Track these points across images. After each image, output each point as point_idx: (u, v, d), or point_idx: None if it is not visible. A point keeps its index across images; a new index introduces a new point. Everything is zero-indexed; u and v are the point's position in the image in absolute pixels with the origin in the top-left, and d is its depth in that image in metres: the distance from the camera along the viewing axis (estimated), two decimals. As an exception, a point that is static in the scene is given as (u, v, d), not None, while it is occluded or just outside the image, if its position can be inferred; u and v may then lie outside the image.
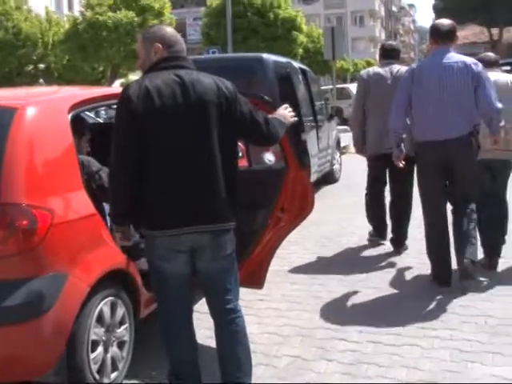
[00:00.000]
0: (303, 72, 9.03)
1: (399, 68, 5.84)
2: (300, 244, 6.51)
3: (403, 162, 4.94)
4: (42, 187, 3.03)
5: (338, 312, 4.52)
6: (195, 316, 3.24)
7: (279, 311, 4.57)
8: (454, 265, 4.88)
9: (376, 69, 6.06)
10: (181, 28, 58.98)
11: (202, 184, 2.89)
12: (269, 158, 4.15)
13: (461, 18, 60.51)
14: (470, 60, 4.72)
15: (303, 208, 4.21)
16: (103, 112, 14.61)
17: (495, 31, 60.71)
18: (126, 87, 2.89)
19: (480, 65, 4.72)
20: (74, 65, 27.95)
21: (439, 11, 66.11)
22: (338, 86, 24.53)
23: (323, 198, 8.90)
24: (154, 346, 3.83)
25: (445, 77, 4.64)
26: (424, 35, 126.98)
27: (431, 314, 4.39)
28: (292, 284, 5.21)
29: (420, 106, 4.75)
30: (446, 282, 4.86)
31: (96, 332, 3.19)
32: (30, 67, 30.06)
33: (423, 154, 4.84)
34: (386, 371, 3.57)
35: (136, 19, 24.74)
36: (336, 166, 10.59)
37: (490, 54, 5.72)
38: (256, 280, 4.27)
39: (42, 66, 30.08)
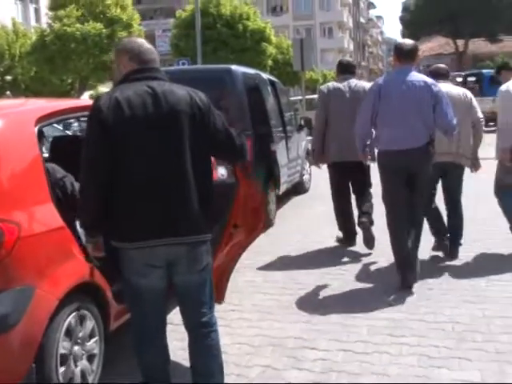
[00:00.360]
0: (272, 83, 9.09)
1: (356, 82, 6.39)
2: (271, 254, 6.53)
3: (369, 158, 5.52)
4: (8, 200, 3.00)
5: (308, 321, 4.54)
6: (168, 327, 3.23)
7: (250, 321, 4.58)
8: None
9: (335, 84, 6.47)
10: (150, 40, 58.84)
11: (175, 195, 2.87)
12: (221, 172, 4.16)
13: (427, 30, 61.77)
14: (430, 80, 5.20)
15: (255, 225, 4.15)
16: (76, 124, 14.49)
17: (460, 43, 61.82)
18: (97, 99, 2.90)
19: (438, 85, 5.21)
20: (41, 77, 27.71)
21: (406, 23, 67.18)
22: (308, 96, 24.71)
23: (294, 208, 8.97)
24: (124, 357, 3.82)
25: (408, 93, 5.06)
26: (392, 47, 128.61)
27: (400, 321, 4.45)
28: (264, 294, 5.23)
29: (385, 119, 5.14)
30: (410, 271, 5.20)
31: (65, 345, 3.17)
32: (-3, 79, 29.72)
33: (388, 161, 5.22)
34: (356, 378, 3.61)
35: (104, 31, 24.64)
36: (306, 177, 10.66)
37: (441, 66, 6.21)
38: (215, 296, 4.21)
39: (8, 77, 29.72)
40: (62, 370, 3.13)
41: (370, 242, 6.30)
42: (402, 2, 72.61)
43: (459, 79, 31.15)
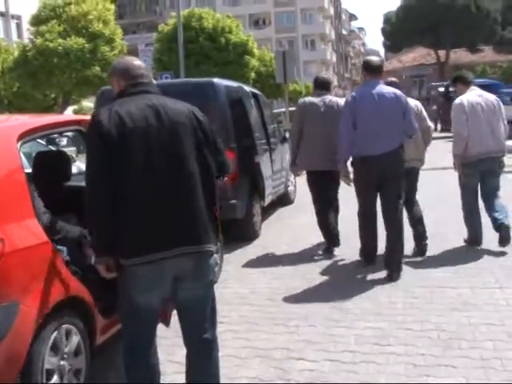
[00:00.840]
0: (255, 96, 9.12)
1: (330, 98, 6.83)
2: (257, 266, 6.55)
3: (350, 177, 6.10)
4: (-9, 216, 2.99)
5: (294, 332, 4.54)
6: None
7: (237, 333, 4.58)
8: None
9: (311, 98, 6.92)
10: (133, 54, 58.87)
11: (183, 206, 2.90)
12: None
13: (408, 41, 62.37)
14: (398, 92, 5.85)
15: None
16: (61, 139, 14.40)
17: (442, 53, 62.46)
18: (95, 114, 2.94)
19: (404, 96, 5.91)
20: (24, 92, 27.59)
21: (388, 34, 67.77)
22: (291, 108, 24.75)
23: (279, 219, 8.98)
24: (111, 372, 3.80)
25: (380, 104, 5.68)
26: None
27: (387, 330, 4.46)
28: (250, 306, 5.23)
29: (361, 128, 5.71)
30: (371, 260, 6.12)
31: (50, 360, 3.15)
32: (-21, 95, 29.56)
33: (363, 165, 5.79)
34: (343, 388, 3.62)
35: (87, 46, 24.58)
36: (291, 188, 10.68)
37: (395, 79, 6.80)
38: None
39: (-9, 93, 29.60)
40: (48, 385, 3.11)
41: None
42: (384, 13, 73.38)
43: (441, 89, 31.55)
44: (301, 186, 11.15)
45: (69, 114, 28.85)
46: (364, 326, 4.58)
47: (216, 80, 7.59)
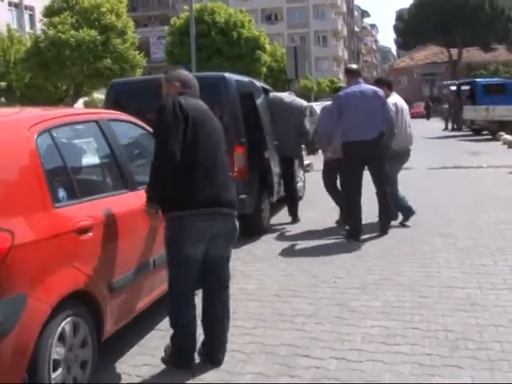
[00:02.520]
0: (266, 91, 9.11)
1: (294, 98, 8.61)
2: (265, 261, 6.55)
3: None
4: (1, 208, 3.00)
5: (301, 329, 4.54)
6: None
7: (244, 329, 4.58)
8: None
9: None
10: (145, 47, 58.89)
11: (222, 173, 3.83)
12: None
13: (421, 39, 62.05)
14: (376, 88, 7.37)
15: None
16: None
17: (454, 51, 62.10)
18: (174, 99, 3.71)
19: (382, 92, 7.35)
20: (36, 83, 27.64)
21: (400, 32, 67.44)
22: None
23: (287, 215, 8.96)
24: (117, 365, 3.82)
25: (363, 98, 7.17)
26: (386, 55, 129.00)
27: (394, 329, 4.45)
28: (257, 302, 5.23)
29: (349, 118, 7.14)
30: (357, 237, 7.21)
31: (58, 351, 3.17)
32: (-9, 85, 29.65)
33: (351, 149, 7.17)
34: (348, 387, 3.61)
35: (99, 38, 24.57)
36: (300, 184, 10.65)
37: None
38: None
39: (3, 84, 29.65)
40: (54, 375, 3.13)
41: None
42: (396, 10, 73.04)
43: (453, 88, 31.38)
44: (309, 183, 11.18)
45: (79, 106, 28.96)
46: (371, 324, 4.57)
47: (227, 75, 7.57)
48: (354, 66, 7.93)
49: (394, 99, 7.82)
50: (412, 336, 4.31)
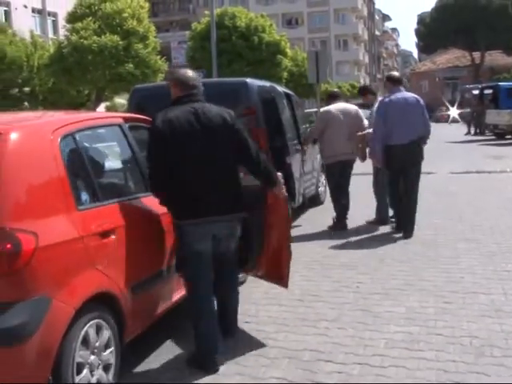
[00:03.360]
0: (287, 96, 9.09)
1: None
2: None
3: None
4: (26, 210, 3.03)
5: (324, 334, 4.51)
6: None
7: (266, 333, 4.55)
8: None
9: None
10: (166, 51, 59.23)
11: (218, 186, 3.93)
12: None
13: (442, 42, 61.67)
14: (417, 96, 7.80)
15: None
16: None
17: (477, 55, 61.58)
18: (156, 117, 3.89)
19: (422, 99, 7.78)
20: (58, 88, 27.93)
21: (421, 35, 67.11)
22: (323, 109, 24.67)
23: (310, 221, 8.94)
24: (141, 367, 3.82)
25: (406, 105, 7.56)
26: (407, 59, 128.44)
27: (417, 335, 4.40)
28: (279, 306, 5.20)
29: (392, 123, 7.46)
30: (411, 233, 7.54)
31: (81, 354, 3.18)
32: (15, 90, 29.98)
33: (394, 151, 7.48)
34: (372, 392, 3.58)
35: (121, 43, 24.77)
36: (321, 189, 10.62)
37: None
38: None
39: (26, 89, 30.01)
40: (78, 379, 3.14)
41: None
42: (418, 14, 72.68)
43: (476, 92, 31.09)
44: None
45: (101, 110, 29.17)
46: (394, 330, 4.52)
47: (249, 80, 7.55)
48: (396, 74, 8.38)
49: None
50: (436, 342, 4.25)
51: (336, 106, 8.32)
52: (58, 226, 3.17)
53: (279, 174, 4.37)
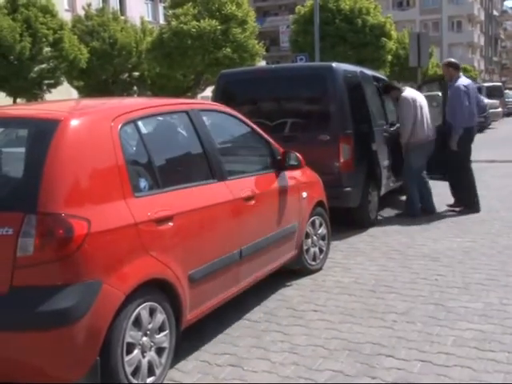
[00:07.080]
0: (377, 80, 8.85)
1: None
2: (367, 255, 6.39)
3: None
4: (80, 197, 3.12)
5: (390, 327, 4.38)
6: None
7: (330, 323, 4.49)
8: None
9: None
10: (274, 36, 59.29)
11: None
12: None
13: None
14: (472, 82, 8.85)
15: None
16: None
17: None
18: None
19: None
20: (166, 73, 28.67)
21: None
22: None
23: (395, 210, 8.72)
24: (197, 353, 3.87)
25: (472, 90, 8.44)
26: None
27: (490, 334, 4.18)
28: (350, 296, 5.12)
29: (471, 105, 8.30)
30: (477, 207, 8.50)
31: (132, 335, 3.25)
32: (125, 75, 31.09)
33: (469, 133, 8.27)
34: (430, 393, 3.44)
35: (219, 27, 25.06)
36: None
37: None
38: None
39: (135, 74, 31.03)
40: (127, 358, 3.21)
41: None
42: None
43: None
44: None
45: (208, 94, 29.63)
46: (466, 327, 4.33)
47: (335, 64, 7.40)
48: (458, 61, 8.94)
49: (413, 94, 8.32)
50: (510, 343, 4.02)
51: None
52: (112, 213, 3.24)
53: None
